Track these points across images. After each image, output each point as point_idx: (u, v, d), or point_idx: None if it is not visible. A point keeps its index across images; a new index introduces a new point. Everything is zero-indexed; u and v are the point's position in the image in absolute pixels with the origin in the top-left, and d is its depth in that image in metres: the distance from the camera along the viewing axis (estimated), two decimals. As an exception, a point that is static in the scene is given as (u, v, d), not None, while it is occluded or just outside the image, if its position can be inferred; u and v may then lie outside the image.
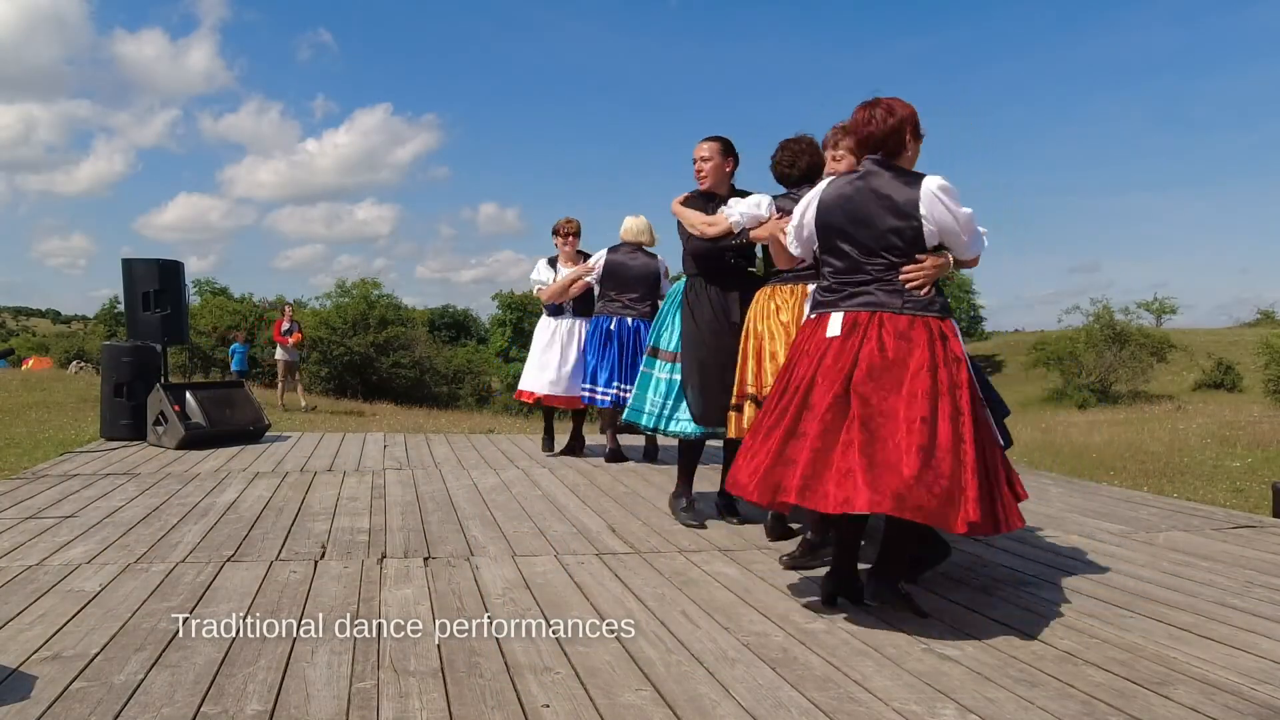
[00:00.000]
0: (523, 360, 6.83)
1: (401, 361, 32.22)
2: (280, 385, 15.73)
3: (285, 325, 15.47)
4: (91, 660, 2.33)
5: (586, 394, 5.85)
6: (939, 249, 2.79)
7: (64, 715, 2.02)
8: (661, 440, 6.81)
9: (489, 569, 3.29)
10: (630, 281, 5.77)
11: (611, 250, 5.88)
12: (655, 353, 4.24)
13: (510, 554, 3.52)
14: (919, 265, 2.75)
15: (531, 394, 6.22)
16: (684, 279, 4.19)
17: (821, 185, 3.00)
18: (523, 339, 34.87)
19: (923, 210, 2.72)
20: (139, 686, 2.17)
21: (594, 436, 6.85)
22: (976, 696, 2.21)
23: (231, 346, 17.81)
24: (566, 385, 6.05)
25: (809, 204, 2.99)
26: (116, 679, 2.21)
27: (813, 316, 2.94)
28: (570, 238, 6.19)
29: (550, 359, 6.14)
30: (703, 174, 4.09)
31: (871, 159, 2.86)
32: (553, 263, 6.23)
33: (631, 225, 5.89)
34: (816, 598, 2.97)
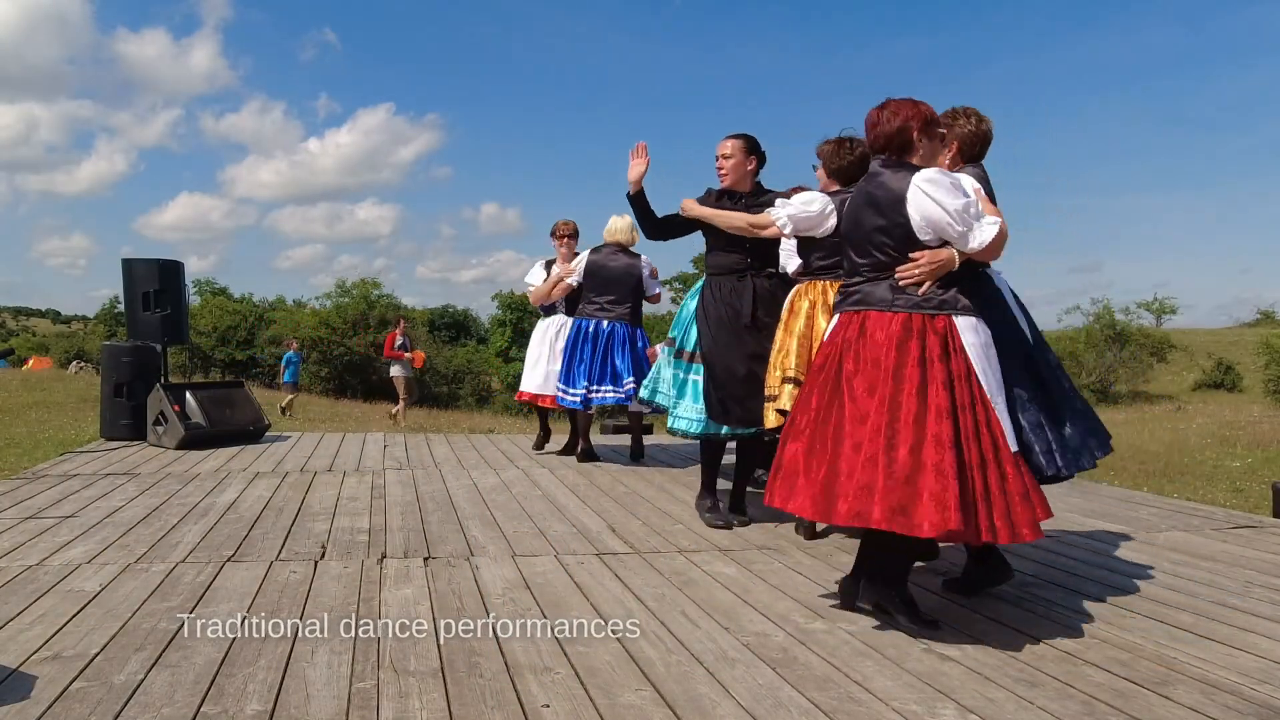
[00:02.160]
0: (523, 360, 6.88)
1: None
2: (402, 405, 15.06)
3: (399, 340, 14.74)
4: (91, 660, 2.33)
5: (559, 394, 5.89)
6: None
7: (64, 715, 2.02)
8: (659, 440, 6.81)
9: (489, 569, 3.29)
10: (608, 283, 5.73)
11: (594, 251, 5.84)
12: (680, 354, 4.21)
13: (510, 554, 3.52)
14: (914, 262, 2.71)
15: (522, 394, 6.31)
16: (703, 278, 4.19)
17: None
18: (523, 339, 34.83)
19: (909, 207, 2.69)
20: (139, 686, 2.17)
21: (598, 438, 6.85)
22: (976, 696, 2.21)
23: (285, 355, 16.81)
24: (554, 385, 6.07)
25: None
26: (116, 679, 2.21)
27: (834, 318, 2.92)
28: (566, 239, 6.16)
29: (540, 359, 6.20)
30: (724, 171, 4.05)
31: (877, 160, 2.86)
32: (549, 265, 6.23)
33: (614, 225, 5.86)
34: (819, 596, 2.97)
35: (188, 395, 6.57)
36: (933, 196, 2.66)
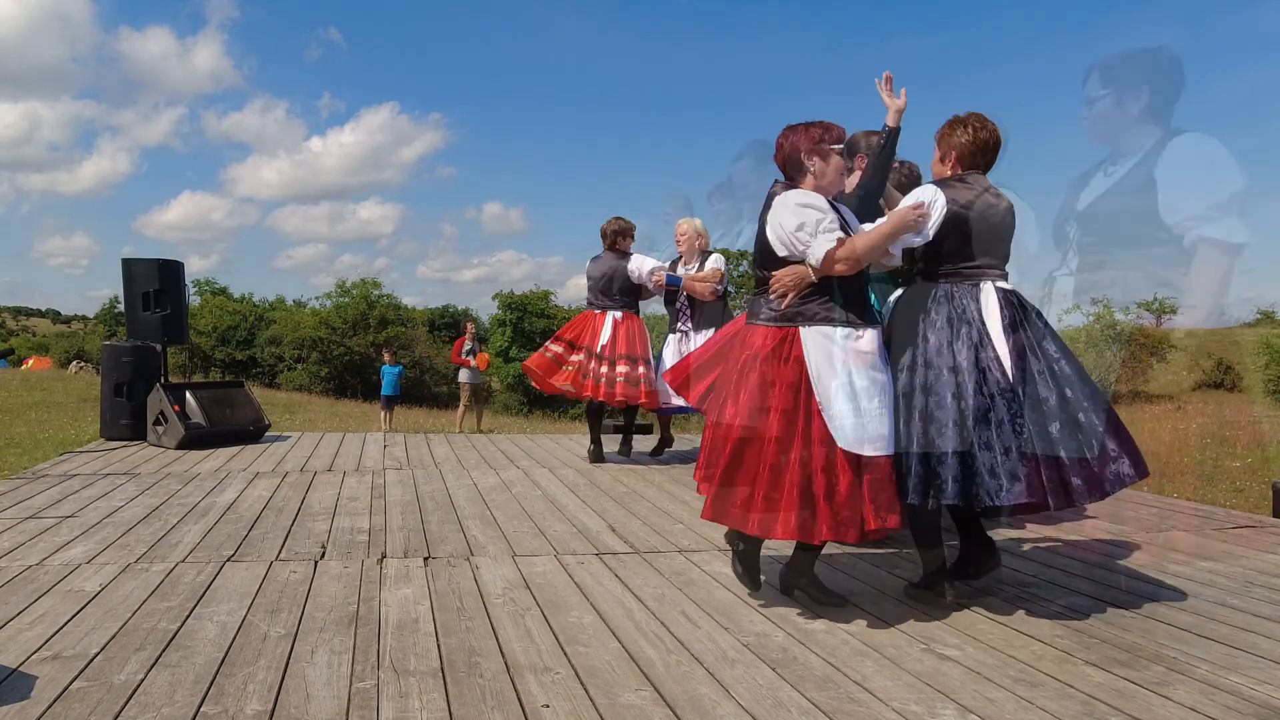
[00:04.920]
0: (523, 360, 6.89)
1: (401, 361, 32.24)
2: (462, 410, 14.34)
3: (467, 345, 14.07)
4: (91, 660, 2.33)
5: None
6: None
7: (64, 715, 2.02)
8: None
9: (489, 569, 3.29)
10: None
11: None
12: None
13: (510, 554, 3.52)
14: (776, 278, 2.82)
15: None
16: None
17: None
18: (523, 339, 34.84)
19: (767, 227, 2.85)
20: (139, 686, 2.17)
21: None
22: (976, 696, 2.21)
23: (383, 368, 16.40)
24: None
25: None
26: (116, 679, 2.21)
27: None
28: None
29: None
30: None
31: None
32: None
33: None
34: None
35: (188, 395, 6.58)
36: (780, 217, 2.81)
